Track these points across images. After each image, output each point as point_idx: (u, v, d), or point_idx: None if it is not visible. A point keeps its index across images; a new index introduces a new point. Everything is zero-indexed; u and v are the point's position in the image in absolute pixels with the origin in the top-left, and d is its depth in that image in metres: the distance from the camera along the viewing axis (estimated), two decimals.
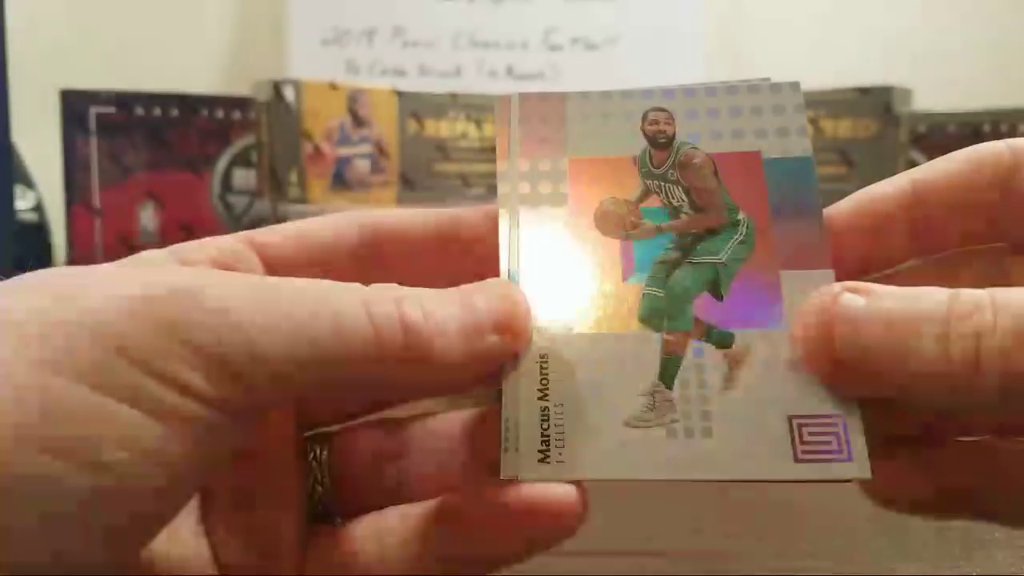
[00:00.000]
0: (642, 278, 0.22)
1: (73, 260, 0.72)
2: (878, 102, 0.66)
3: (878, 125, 0.66)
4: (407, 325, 0.18)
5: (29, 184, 0.81)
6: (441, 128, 0.75)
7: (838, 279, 0.20)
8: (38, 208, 0.80)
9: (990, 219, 0.22)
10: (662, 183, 0.23)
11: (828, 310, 0.19)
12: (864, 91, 0.67)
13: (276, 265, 0.23)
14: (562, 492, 0.19)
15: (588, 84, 0.25)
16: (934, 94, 0.79)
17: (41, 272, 0.18)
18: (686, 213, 0.23)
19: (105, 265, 0.20)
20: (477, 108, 0.77)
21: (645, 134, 0.24)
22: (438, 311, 0.19)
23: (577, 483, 0.19)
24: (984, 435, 0.22)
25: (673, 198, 0.23)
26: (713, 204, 0.23)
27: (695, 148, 0.23)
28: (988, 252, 0.22)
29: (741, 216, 0.23)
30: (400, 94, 0.73)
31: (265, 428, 0.22)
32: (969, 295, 0.18)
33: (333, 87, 0.69)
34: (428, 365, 0.19)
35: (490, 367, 0.20)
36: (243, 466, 0.22)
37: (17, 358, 0.15)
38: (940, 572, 0.29)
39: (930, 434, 0.21)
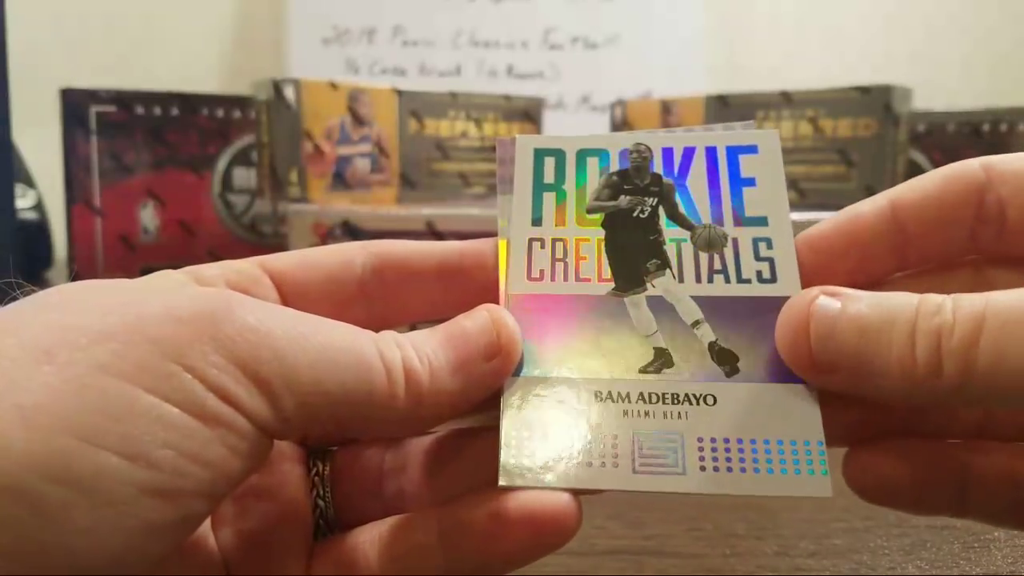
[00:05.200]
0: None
1: (74, 259, 0.72)
2: (878, 101, 0.66)
3: (878, 124, 0.66)
4: (408, 371, 0.20)
5: (30, 183, 0.81)
6: (441, 127, 0.75)
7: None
8: (38, 207, 0.80)
9: (967, 234, 0.22)
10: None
11: (804, 311, 0.20)
12: (864, 90, 0.67)
13: (287, 289, 0.23)
14: (558, 500, 0.19)
15: (588, 84, 0.26)
16: (934, 94, 0.79)
17: (85, 282, 0.19)
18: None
19: (132, 280, 0.21)
20: (477, 107, 0.77)
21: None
22: (430, 353, 0.20)
23: (573, 492, 0.20)
24: (965, 437, 0.22)
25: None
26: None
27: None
28: (969, 264, 0.23)
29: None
30: (400, 93, 0.73)
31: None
32: (934, 298, 0.19)
33: (333, 86, 0.69)
34: (425, 406, 0.20)
35: (489, 390, 0.21)
36: (253, 476, 0.22)
37: (79, 360, 0.16)
38: (940, 572, 0.29)
39: (912, 431, 0.22)
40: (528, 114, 0.80)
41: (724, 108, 0.72)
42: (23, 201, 0.76)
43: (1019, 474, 0.21)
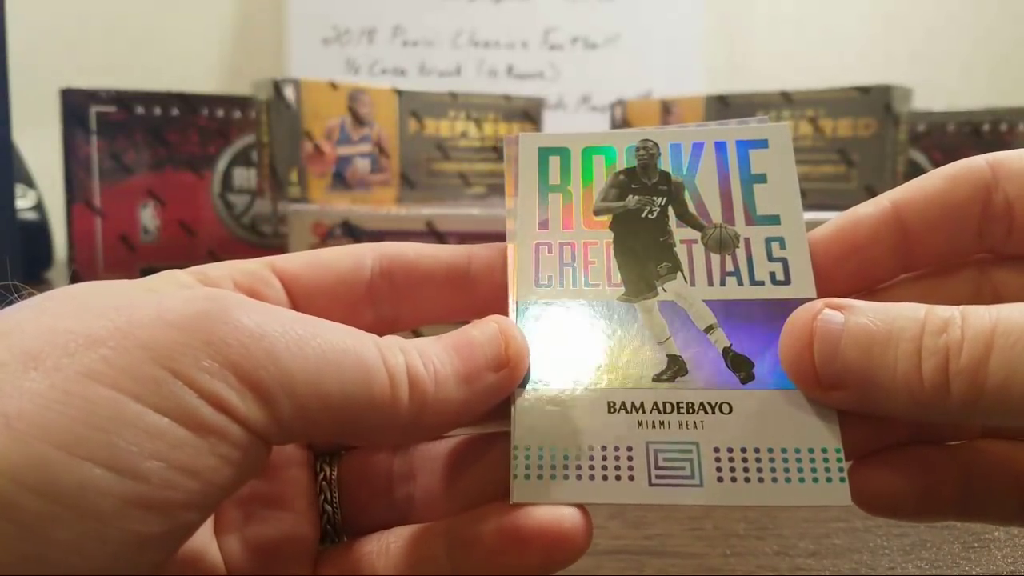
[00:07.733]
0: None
1: (74, 259, 0.72)
2: (878, 101, 0.66)
3: (878, 124, 0.66)
4: (412, 377, 0.19)
5: (29, 183, 0.81)
6: (441, 127, 0.75)
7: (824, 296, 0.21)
8: (38, 207, 0.80)
9: (974, 233, 0.22)
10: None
11: (808, 326, 0.19)
12: (864, 90, 0.67)
13: (296, 290, 0.23)
14: (570, 516, 0.19)
15: (588, 84, 0.25)
16: (934, 94, 0.79)
17: (88, 283, 0.19)
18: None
19: (135, 281, 0.20)
20: (477, 107, 0.77)
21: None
22: (436, 361, 0.20)
23: (583, 507, 0.19)
24: (970, 438, 0.22)
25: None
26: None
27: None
28: (973, 265, 0.23)
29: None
30: (400, 93, 0.73)
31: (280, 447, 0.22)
32: (941, 312, 0.18)
33: (333, 86, 0.69)
34: (428, 414, 0.19)
35: (494, 402, 0.21)
36: (257, 481, 0.22)
37: (66, 366, 0.16)
38: (940, 572, 0.29)
39: (915, 438, 0.22)
40: (528, 114, 0.80)
41: (724, 108, 0.72)
42: (23, 201, 0.76)
43: (1023, 470, 0.21)
